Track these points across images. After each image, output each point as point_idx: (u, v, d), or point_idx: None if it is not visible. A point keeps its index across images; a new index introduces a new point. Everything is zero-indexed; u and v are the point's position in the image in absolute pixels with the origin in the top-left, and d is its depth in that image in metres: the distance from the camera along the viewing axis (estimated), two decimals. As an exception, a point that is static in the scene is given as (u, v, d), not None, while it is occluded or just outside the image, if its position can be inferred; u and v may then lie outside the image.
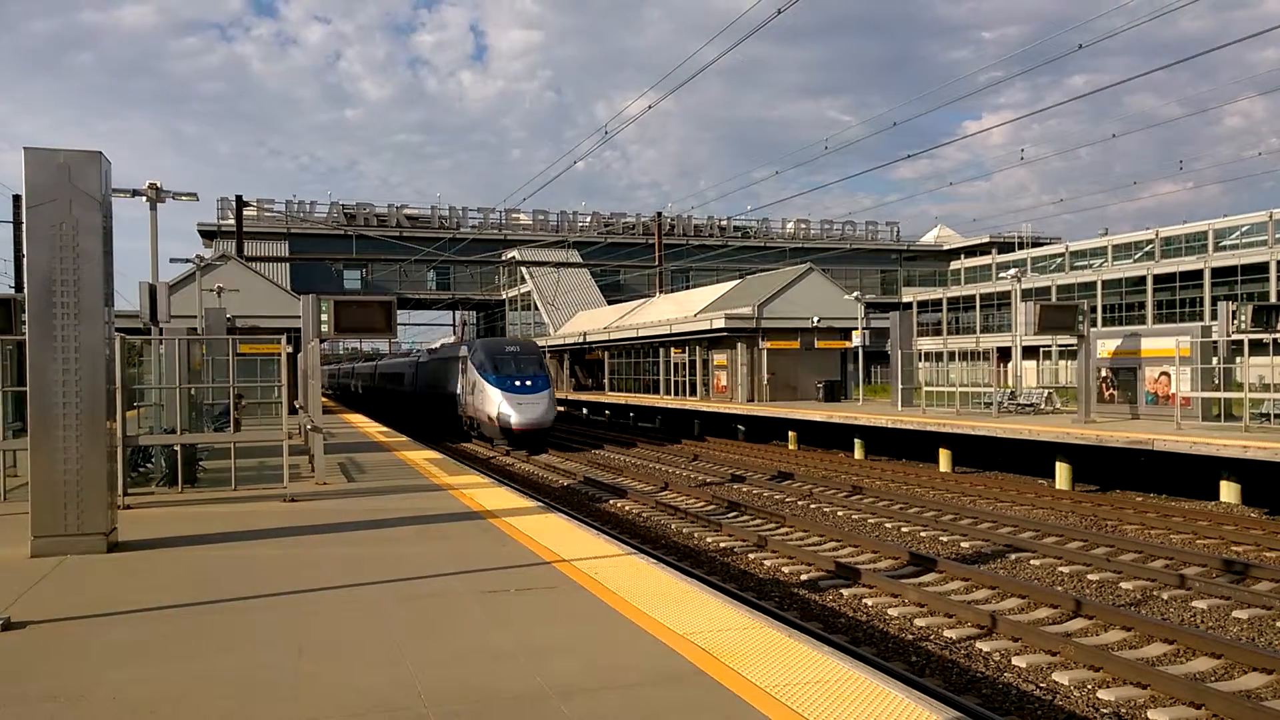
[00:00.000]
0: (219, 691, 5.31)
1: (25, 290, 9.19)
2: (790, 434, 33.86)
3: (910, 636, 10.11)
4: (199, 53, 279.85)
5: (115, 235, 9.56)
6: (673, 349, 45.94)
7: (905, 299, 68.10)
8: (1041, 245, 75.59)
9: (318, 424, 15.68)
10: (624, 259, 68.82)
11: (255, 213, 65.53)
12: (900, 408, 32.85)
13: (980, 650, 9.49)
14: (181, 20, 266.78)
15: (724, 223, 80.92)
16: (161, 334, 16.28)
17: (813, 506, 19.23)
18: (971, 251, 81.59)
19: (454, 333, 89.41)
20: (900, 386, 33.78)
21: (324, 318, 15.24)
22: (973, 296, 63.85)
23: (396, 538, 10.32)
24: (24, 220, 8.94)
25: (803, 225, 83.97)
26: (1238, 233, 57.19)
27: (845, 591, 11.88)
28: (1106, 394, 26.99)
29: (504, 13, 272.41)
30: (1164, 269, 53.50)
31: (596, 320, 58.75)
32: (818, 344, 39.84)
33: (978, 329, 61.60)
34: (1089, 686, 8.38)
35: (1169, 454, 19.16)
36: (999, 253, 75.61)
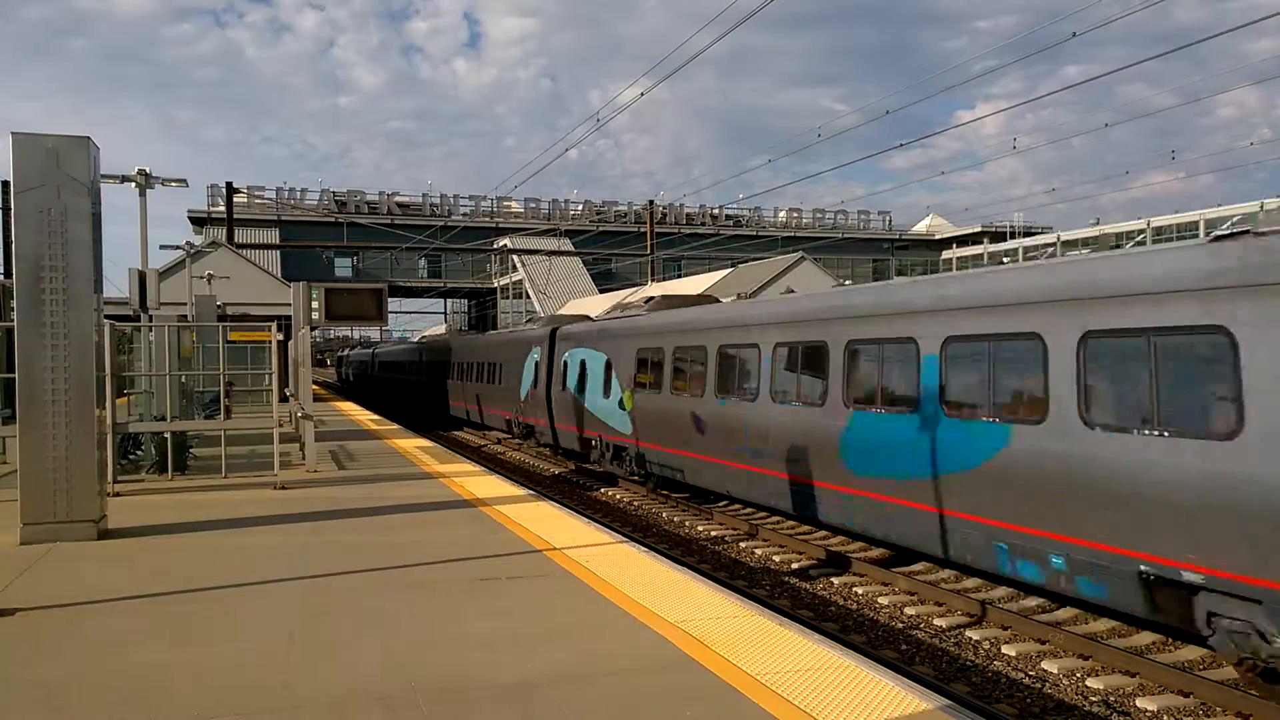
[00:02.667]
0: (209, 679, 5.30)
1: (13, 276, 9.13)
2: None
3: (900, 625, 10.14)
4: (193, 39, 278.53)
5: (104, 221, 9.51)
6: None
7: (897, 288, 67.92)
8: (1033, 235, 75.67)
9: (308, 411, 15.65)
10: (616, 247, 68.68)
11: (246, 200, 65.13)
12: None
13: (970, 639, 9.53)
14: (175, 7, 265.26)
15: (716, 211, 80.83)
16: (151, 321, 16.21)
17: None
18: (964, 241, 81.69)
19: (445, 321, 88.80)
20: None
21: (315, 305, 15.20)
22: (964, 286, 63.76)
23: (387, 526, 10.31)
24: (12, 206, 8.87)
25: (795, 214, 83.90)
26: (1229, 223, 57.26)
27: (836, 580, 11.91)
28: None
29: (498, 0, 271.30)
30: (1155, 259, 53.55)
31: (588, 309, 58.65)
32: (810, 333, 39.86)
33: (969, 319, 61.54)
34: (1078, 675, 8.42)
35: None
36: (991, 242, 75.72)
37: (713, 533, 15.04)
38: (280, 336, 14.69)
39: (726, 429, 14.84)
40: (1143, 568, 7.92)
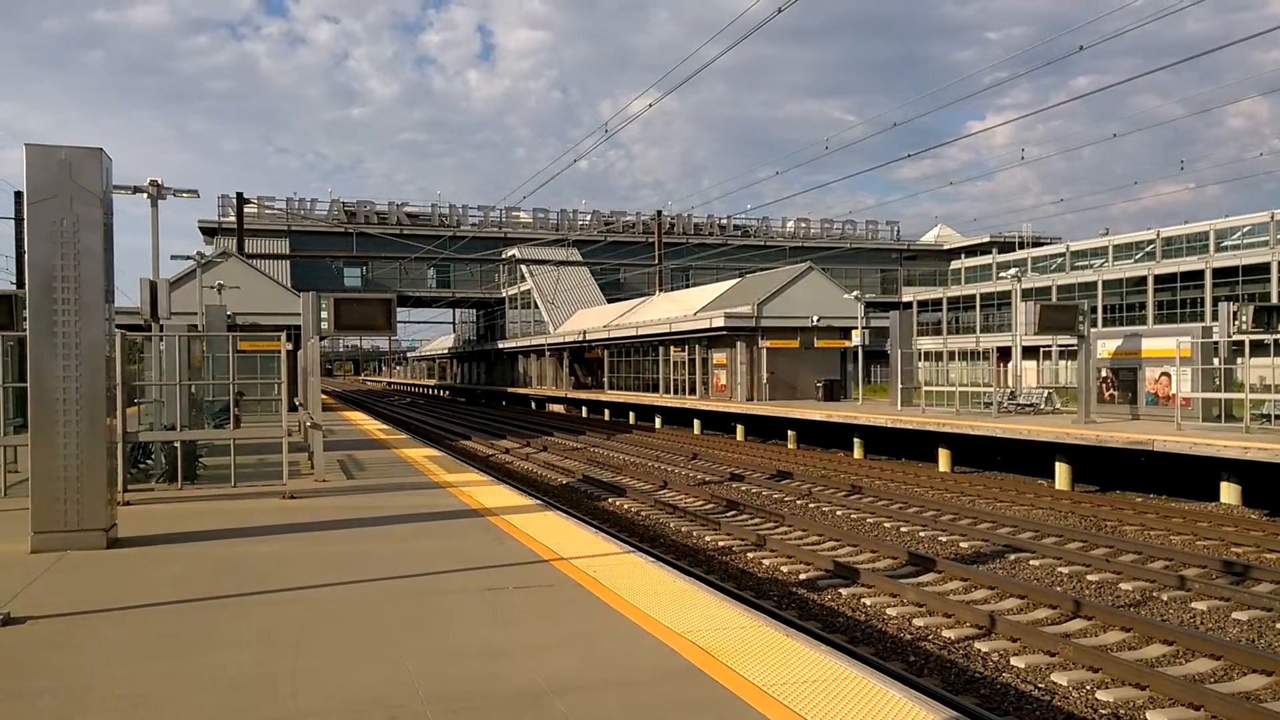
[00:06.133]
0: (218, 688, 5.31)
1: (26, 286, 9.19)
2: (789, 433, 33.86)
3: (909, 636, 10.11)
4: (208, 51, 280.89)
5: (116, 232, 9.57)
6: (672, 348, 46.02)
7: (905, 298, 68.03)
8: (1042, 245, 75.52)
9: (317, 421, 15.69)
10: (624, 257, 68.81)
11: (256, 210, 65.54)
12: (900, 407, 32.86)
13: (979, 650, 9.49)
14: (192, 19, 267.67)
15: (724, 221, 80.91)
16: (162, 331, 16.28)
17: (811, 506, 19.23)
18: (972, 251, 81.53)
19: (453, 330, 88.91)
20: (900, 386, 33.84)
21: (324, 315, 15.24)
22: (973, 296, 63.81)
23: (395, 535, 10.32)
24: (25, 217, 8.94)
25: (803, 224, 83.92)
26: (1239, 233, 57.10)
27: (844, 591, 11.88)
28: (1107, 394, 27.00)
29: (512, 13, 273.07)
30: (1165, 269, 53.46)
31: (596, 319, 58.71)
32: (817, 343, 39.88)
33: (978, 329, 61.57)
34: (1088, 687, 8.38)
35: (1168, 454, 19.15)
36: (999, 252, 75.52)
37: (720, 543, 15.02)
38: (289, 346, 14.73)
39: None
40: None
